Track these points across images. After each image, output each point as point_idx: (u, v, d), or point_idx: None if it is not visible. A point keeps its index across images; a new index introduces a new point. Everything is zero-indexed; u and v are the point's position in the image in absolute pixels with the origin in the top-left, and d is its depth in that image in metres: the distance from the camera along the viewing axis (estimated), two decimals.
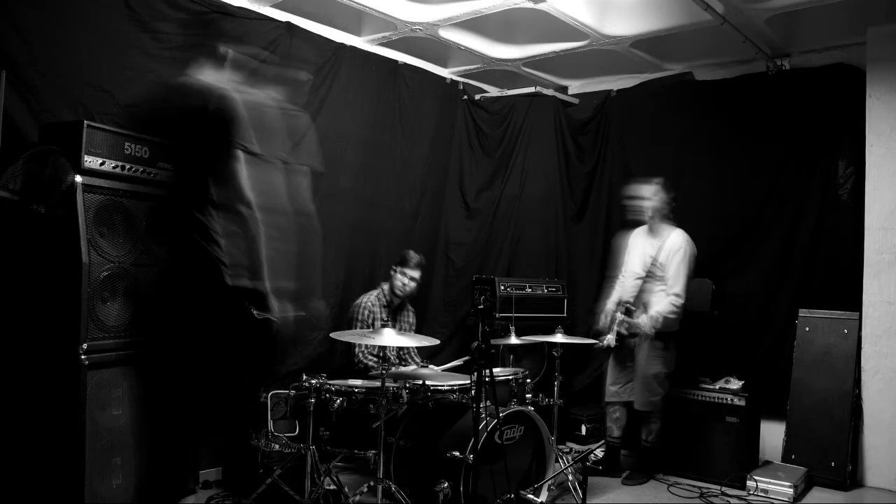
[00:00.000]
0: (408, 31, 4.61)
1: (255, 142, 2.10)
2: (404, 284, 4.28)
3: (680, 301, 4.14)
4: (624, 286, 4.43)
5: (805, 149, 4.68)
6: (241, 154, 2.05)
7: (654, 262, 4.24)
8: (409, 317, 4.50)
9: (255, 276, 2.04)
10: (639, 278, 4.31)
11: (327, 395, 3.28)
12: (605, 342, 4.32)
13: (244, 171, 2.03)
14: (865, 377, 4.29)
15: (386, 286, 4.34)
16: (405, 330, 4.40)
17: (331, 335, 3.48)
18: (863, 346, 4.31)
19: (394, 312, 4.36)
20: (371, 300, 4.25)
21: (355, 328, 4.22)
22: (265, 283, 2.05)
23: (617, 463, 4.40)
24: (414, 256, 4.32)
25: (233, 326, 2.03)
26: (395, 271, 4.31)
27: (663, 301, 4.15)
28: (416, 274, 4.31)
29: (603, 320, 4.43)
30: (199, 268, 2.04)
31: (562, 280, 5.31)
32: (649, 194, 4.31)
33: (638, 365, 4.22)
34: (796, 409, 4.38)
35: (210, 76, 2.29)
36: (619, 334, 4.28)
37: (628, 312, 4.25)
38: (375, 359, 4.05)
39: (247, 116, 2.11)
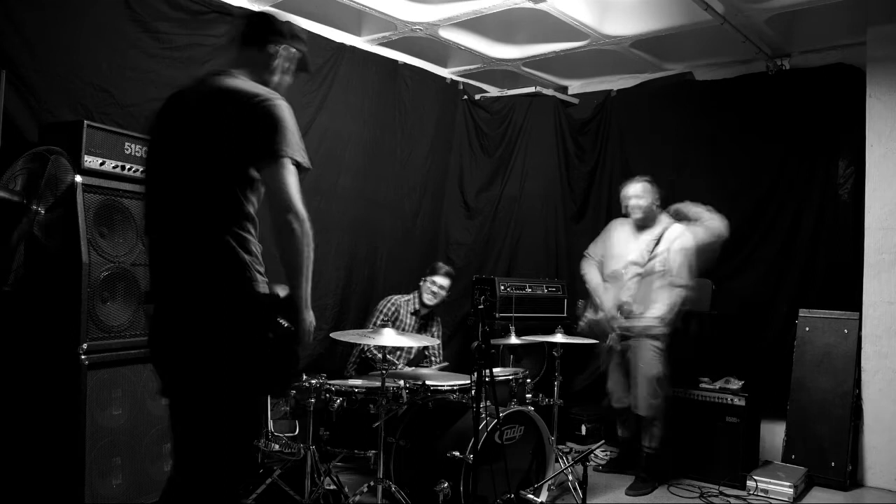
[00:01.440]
0: (408, 31, 4.61)
1: (305, 154, 2.01)
2: (433, 294, 4.39)
3: (685, 294, 3.96)
4: (621, 283, 4.14)
5: (805, 149, 4.68)
6: (292, 166, 1.95)
7: (653, 256, 4.02)
8: (434, 329, 4.57)
9: (296, 289, 1.99)
10: (637, 274, 4.07)
11: (327, 395, 3.28)
12: (609, 343, 4.15)
13: (295, 185, 1.94)
14: (865, 377, 4.29)
15: (416, 294, 4.45)
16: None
17: (331, 335, 3.48)
18: (863, 346, 4.31)
19: (422, 321, 4.46)
20: (401, 301, 4.39)
21: (376, 318, 4.29)
22: (305, 295, 2.00)
23: (630, 461, 4.27)
24: (442, 266, 4.47)
25: (257, 334, 1.97)
26: (424, 281, 4.43)
27: (669, 295, 3.94)
28: (444, 282, 4.42)
29: (602, 319, 4.20)
30: (226, 273, 1.98)
31: (562, 280, 5.31)
32: (640, 192, 4.16)
33: (638, 368, 4.00)
34: (796, 409, 4.38)
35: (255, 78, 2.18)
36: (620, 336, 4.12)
37: (624, 311, 4.07)
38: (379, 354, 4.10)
39: (295, 126, 2.01)
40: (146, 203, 2.20)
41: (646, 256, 4.06)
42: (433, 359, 4.43)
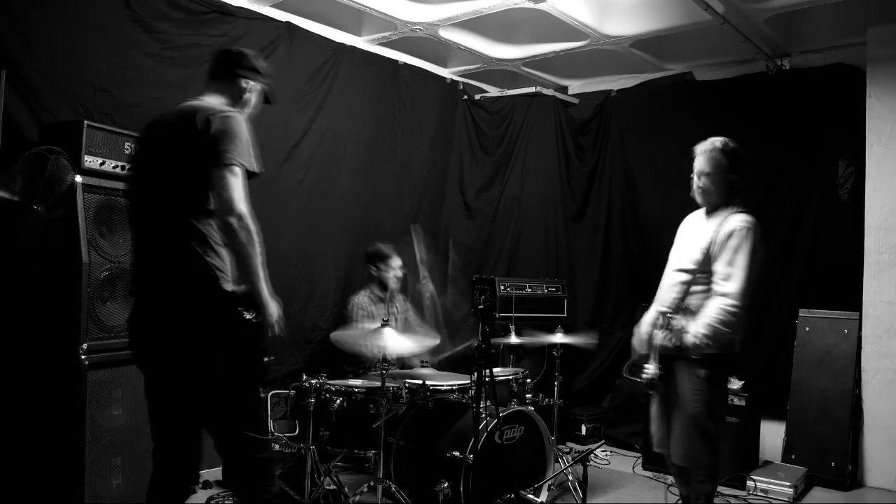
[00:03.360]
0: (408, 31, 4.61)
1: (255, 160, 2.24)
2: (398, 278, 4.35)
3: (734, 304, 2.84)
4: (661, 290, 3.13)
5: (805, 149, 4.68)
6: (238, 170, 2.16)
7: (706, 253, 2.96)
8: (404, 304, 4.55)
9: (249, 282, 2.18)
10: (684, 277, 3.02)
11: (327, 395, 3.28)
12: (647, 376, 2.97)
13: (237, 186, 2.14)
14: (865, 377, 4.29)
15: (374, 286, 4.37)
16: (400, 318, 4.47)
17: (331, 335, 3.48)
18: (863, 346, 4.31)
19: (388, 306, 4.40)
20: (362, 299, 4.31)
21: (353, 325, 4.24)
22: (261, 286, 2.18)
23: None
24: (390, 247, 4.38)
25: (227, 328, 2.17)
26: (381, 269, 4.33)
27: (711, 305, 2.88)
28: (400, 262, 4.38)
29: (638, 345, 3.09)
30: (188, 270, 2.19)
31: (562, 280, 5.31)
32: (704, 159, 3.21)
33: (676, 404, 2.98)
34: (796, 409, 4.38)
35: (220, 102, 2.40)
36: (661, 357, 2.96)
37: (668, 325, 2.94)
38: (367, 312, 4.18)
39: (249, 136, 2.24)
40: (129, 209, 2.46)
41: (698, 255, 2.98)
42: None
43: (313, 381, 3.27)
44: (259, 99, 2.54)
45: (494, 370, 3.08)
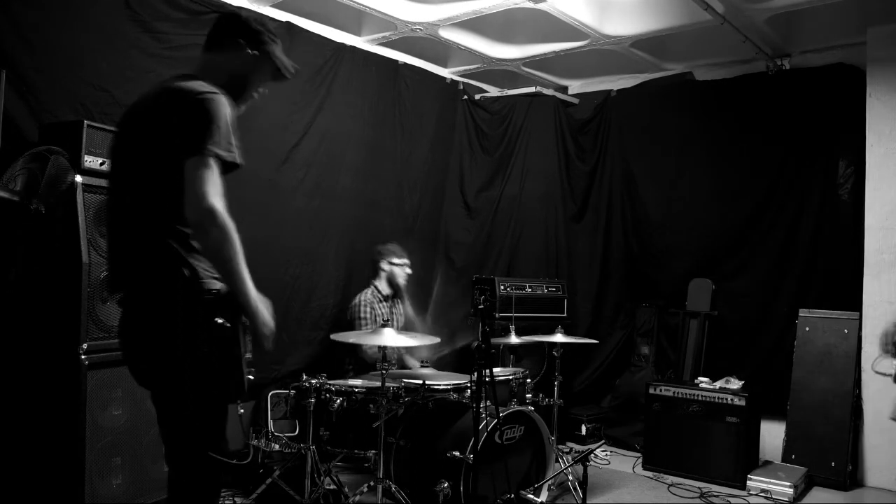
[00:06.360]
0: (408, 31, 4.61)
1: (234, 150, 1.97)
2: (407, 274, 4.36)
3: None
4: None
5: (805, 149, 4.68)
6: (212, 161, 1.90)
7: None
8: (406, 305, 4.55)
9: (232, 288, 1.95)
10: None
11: (327, 395, 3.28)
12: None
13: (211, 179, 1.89)
14: (865, 377, 4.29)
15: (378, 283, 4.36)
16: (402, 319, 4.48)
17: (331, 336, 3.48)
18: (863, 346, 4.31)
19: (391, 303, 4.42)
20: (367, 297, 4.30)
21: (359, 325, 4.23)
22: (245, 290, 1.95)
23: None
24: (397, 245, 4.40)
25: (208, 332, 1.96)
26: (392, 265, 4.33)
27: None
28: (405, 261, 4.40)
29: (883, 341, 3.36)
30: (161, 271, 1.98)
31: (562, 280, 5.31)
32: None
33: None
34: (796, 409, 4.39)
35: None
36: None
37: None
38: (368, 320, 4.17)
39: (229, 122, 1.98)
40: (107, 206, 2.27)
41: None
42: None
43: (313, 381, 3.27)
44: (268, 74, 2.21)
45: (494, 370, 3.08)
